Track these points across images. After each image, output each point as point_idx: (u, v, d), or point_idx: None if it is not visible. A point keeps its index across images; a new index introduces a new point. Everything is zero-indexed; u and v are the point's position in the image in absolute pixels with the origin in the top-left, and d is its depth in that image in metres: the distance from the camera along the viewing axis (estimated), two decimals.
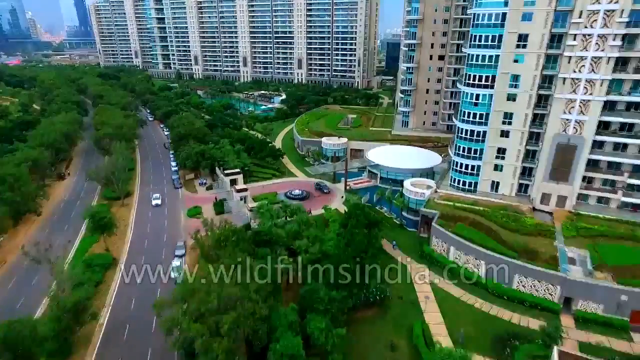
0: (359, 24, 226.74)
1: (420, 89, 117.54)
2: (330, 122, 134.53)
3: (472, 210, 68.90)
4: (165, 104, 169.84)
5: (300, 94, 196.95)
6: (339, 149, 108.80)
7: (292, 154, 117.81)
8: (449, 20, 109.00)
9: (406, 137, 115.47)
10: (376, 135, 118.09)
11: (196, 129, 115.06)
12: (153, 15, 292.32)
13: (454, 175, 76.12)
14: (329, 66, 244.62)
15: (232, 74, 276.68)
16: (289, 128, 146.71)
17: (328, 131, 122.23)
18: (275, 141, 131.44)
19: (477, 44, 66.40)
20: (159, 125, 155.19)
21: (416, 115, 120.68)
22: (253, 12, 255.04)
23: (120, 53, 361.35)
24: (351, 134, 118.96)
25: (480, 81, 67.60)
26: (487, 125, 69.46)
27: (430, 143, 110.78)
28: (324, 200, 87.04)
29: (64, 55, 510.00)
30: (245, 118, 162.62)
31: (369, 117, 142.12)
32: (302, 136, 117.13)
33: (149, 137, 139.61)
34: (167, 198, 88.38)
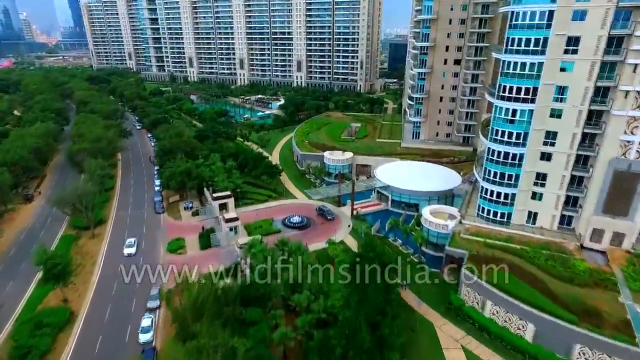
0: (362, 24, 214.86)
1: (433, 96, 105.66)
2: (332, 132, 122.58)
3: (508, 249, 57.01)
4: (154, 110, 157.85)
5: (299, 98, 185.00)
6: (344, 165, 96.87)
7: (291, 169, 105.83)
8: (467, 20, 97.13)
9: (418, 151, 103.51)
10: (384, 148, 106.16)
11: (184, 142, 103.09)
12: (146, 15, 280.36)
13: (482, 203, 64.18)
14: (329, 68, 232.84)
15: (228, 76, 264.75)
16: (287, 138, 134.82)
17: (330, 143, 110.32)
18: (273, 153, 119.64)
19: (515, 49, 54.48)
20: (147, 134, 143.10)
21: (428, 125, 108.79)
22: (250, 11, 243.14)
23: (113, 55, 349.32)
24: (356, 147, 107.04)
25: (518, 94, 55.66)
26: (525, 147, 57.56)
27: (446, 158, 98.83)
28: (328, 228, 75.10)
29: (58, 57, 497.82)
30: (241, 126, 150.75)
31: (374, 125, 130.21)
32: (302, 150, 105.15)
33: (135, 148, 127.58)
34: (146, 229, 76.03)
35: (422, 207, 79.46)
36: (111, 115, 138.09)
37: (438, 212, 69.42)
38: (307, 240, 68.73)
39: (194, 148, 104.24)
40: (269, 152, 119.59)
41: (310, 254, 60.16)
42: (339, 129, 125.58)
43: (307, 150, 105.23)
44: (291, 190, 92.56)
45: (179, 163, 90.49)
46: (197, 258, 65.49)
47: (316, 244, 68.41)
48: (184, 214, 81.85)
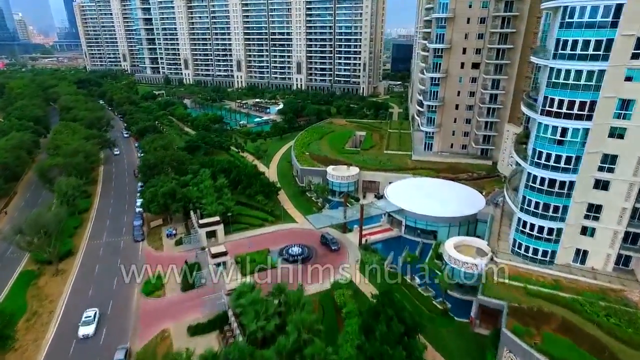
0: (364, 24, 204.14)
1: (448, 104, 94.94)
2: (335, 142, 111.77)
3: (556, 299, 46.26)
4: (143, 117, 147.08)
5: (299, 103, 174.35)
6: (349, 182, 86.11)
7: (290, 185, 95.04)
8: (487, 19, 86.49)
9: (431, 165, 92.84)
10: (393, 161, 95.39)
11: (170, 155, 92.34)
12: (139, 15, 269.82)
13: (519, 238, 53.40)
14: (330, 71, 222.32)
15: (225, 79, 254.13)
16: (286, 147, 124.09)
17: (333, 156, 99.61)
18: (270, 166, 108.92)
19: (569, 53, 43.70)
20: (134, 142, 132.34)
21: (442, 136, 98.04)
22: (247, 10, 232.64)
23: (108, 56, 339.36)
24: (362, 160, 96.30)
25: (570, 109, 44.88)
26: (577, 173, 46.82)
27: (463, 173, 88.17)
28: (332, 261, 64.28)
29: (52, 58, 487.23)
30: (236, 134, 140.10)
31: (381, 134, 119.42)
32: (302, 164, 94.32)
33: (120, 160, 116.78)
34: (116, 280, 65.38)
35: (441, 234, 69.11)
36: (95, 123, 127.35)
37: (463, 245, 58.62)
38: (309, 277, 58.38)
39: (183, 162, 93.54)
40: (266, 165, 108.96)
41: (311, 301, 49.42)
42: (343, 139, 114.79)
43: (308, 164, 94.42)
44: (290, 211, 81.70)
45: (162, 182, 79.81)
46: (176, 304, 54.74)
47: (318, 284, 57.85)
48: (166, 242, 71.04)
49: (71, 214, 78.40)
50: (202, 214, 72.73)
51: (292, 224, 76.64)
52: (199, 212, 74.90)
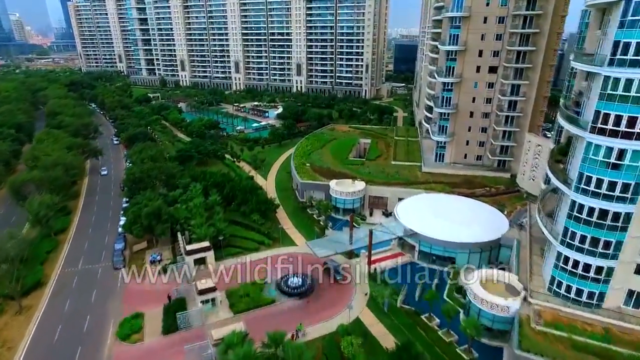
0: (367, 24, 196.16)
1: (462, 111, 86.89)
2: (338, 151, 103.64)
3: (610, 355, 38.32)
4: (135, 122, 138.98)
5: (299, 107, 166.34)
6: (354, 199, 78.05)
7: (290, 200, 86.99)
8: (506, 19, 78.44)
9: (444, 178, 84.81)
10: (402, 174, 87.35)
11: (158, 168, 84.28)
12: (134, 15, 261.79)
13: (559, 276, 45.35)
14: (332, 72, 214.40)
15: (223, 81, 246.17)
16: (285, 155, 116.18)
17: (337, 167, 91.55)
18: (268, 177, 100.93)
19: (631, 59, 35.68)
20: (124, 150, 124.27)
21: (455, 145, 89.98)
22: (245, 10, 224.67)
23: (103, 57, 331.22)
24: (368, 172, 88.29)
25: (630, 127, 36.88)
26: (635, 203, 38.81)
27: (480, 188, 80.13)
28: (337, 294, 56.36)
29: (48, 59, 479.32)
30: (233, 140, 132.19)
31: (386, 142, 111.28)
32: (302, 177, 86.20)
33: (107, 169, 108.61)
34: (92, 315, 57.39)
35: (459, 261, 61.12)
36: (81, 130, 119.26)
37: (490, 280, 50.61)
38: (310, 314, 50.62)
39: (172, 175, 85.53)
40: (264, 176, 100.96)
41: (313, 355, 41.50)
42: (346, 147, 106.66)
43: (309, 177, 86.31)
44: (289, 231, 73.66)
45: (147, 198, 71.88)
46: (156, 351, 46.74)
47: (321, 324, 49.94)
48: (149, 270, 62.92)
49: (45, 236, 70.53)
50: (191, 237, 64.72)
51: (291, 247, 68.52)
52: (188, 233, 67.03)
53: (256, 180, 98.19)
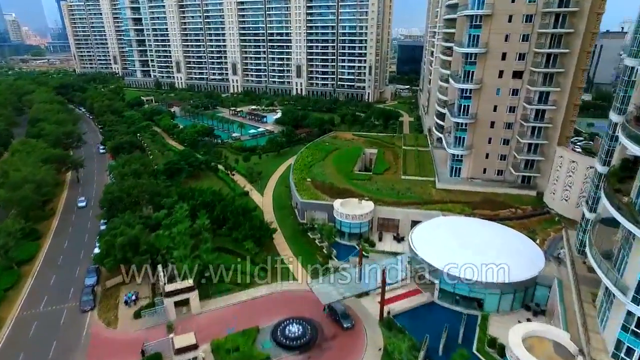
0: (371, 23, 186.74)
1: (482, 121, 77.46)
2: (342, 163, 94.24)
3: None
4: (123, 129, 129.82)
5: (299, 111, 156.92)
6: (362, 222, 68.60)
7: (289, 221, 77.50)
8: (534, 17, 69.03)
9: (462, 197, 75.40)
10: (414, 191, 77.96)
11: (141, 185, 74.91)
12: (128, 15, 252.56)
13: (630, 342, 35.84)
14: (333, 74, 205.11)
15: (220, 83, 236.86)
16: (285, 166, 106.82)
17: (341, 183, 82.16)
18: (265, 192, 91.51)
19: None
20: (110, 160, 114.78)
21: (474, 159, 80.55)
22: (243, 9, 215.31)
23: (98, 58, 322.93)
24: (376, 189, 78.91)
25: None
26: None
27: (505, 210, 70.70)
28: (344, 348, 46.98)
29: (43, 60, 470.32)
30: (228, 148, 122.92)
31: (394, 152, 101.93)
32: (302, 195, 76.78)
33: (88, 184, 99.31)
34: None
35: (488, 304, 51.77)
36: (62, 139, 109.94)
37: (534, 338, 41.22)
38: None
39: (157, 192, 76.22)
40: (260, 191, 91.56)
41: None
42: (350, 158, 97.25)
43: (310, 195, 76.84)
44: (288, 261, 64.17)
45: (125, 223, 62.70)
46: None
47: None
48: (122, 313, 53.57)
49: (6, 268, 61.12)
50: (172, 274, 55.32)
51: (290, 282, 59.07)
52: (170, 267, 57.66)
53: (252, 195, 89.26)
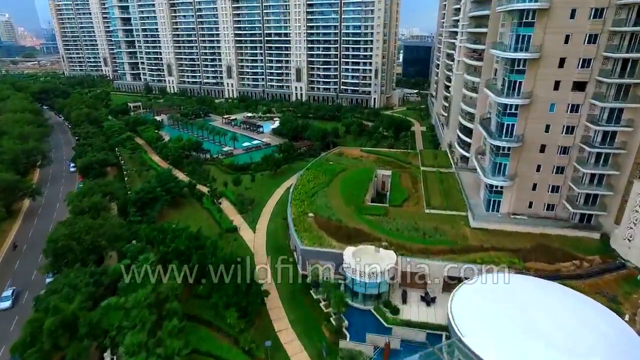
0: (377, 23, 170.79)
1: (530, 144, 61.25)
2: (350, 190, 77.98)
3: None
4: (98, 143, 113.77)
5: (298, 117, 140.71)
6: (382, 281, 52.46)
7: (286, 272, 61.08)
8: (606, 11, 52.94)
9: (505, 240, 59.25)
10: (443, 231, 61.91)
11: (97, 228, 58.82)
12: (116, 14, 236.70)
13: None
14: (336, 78, 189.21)
15: (214, 87, 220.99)
16: (282, 190, 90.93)
17: (351, 220, 65.99)
18: (258, 226, 75.37)
19: None
20: (79, 181, 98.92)
21: (517, 190, 64.33)
22: (238, 7, 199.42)
23: (87, 60, 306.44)
24: (396, 230, 62.72)
25: None
26: None
27: (566, 262, 54.46)
28: None
29: (33, 61, 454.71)
30: (218, 165, 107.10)
31: (412, 175, 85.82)
32: (303, 239, 60.59)
33: (46, 216, 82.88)
34: None
35: None
36: (22, 159, 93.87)
37: None
38: None
39: (117, 237, 60.22)
40: (251, 225, 75.51)
41: None
42: (360, 183, 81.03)
43: (313, 239, 60.62)
44: (284, 339, 48.15)
45: (72, 279, 47.00)
46: None
47: None
48: None
49: None
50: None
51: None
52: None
53: (241, 231, 73.28)
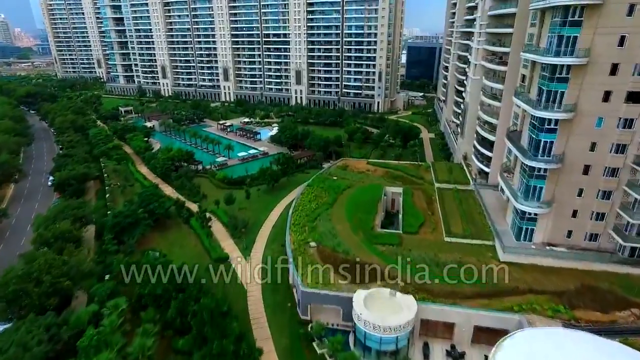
0: (381, 23, 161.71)
1: (572, 165, 51.96)
2: (357, 212, 68.64)
3: None
4: (80, 154, 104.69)
5: (299, 126, 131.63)
6: (400, 335, 43.21)
7: (284, 316, 51.94)
8: None
9: (544, 280, 49.97)
10: (467, 263, 52.63)
11: (58, 266, 49.54)
12: (109, 14, 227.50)
13: None
14: (337, 81, 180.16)
15: (210, 90, 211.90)
16: (280, 209, 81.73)
17: (360, 250, 56.67)
18: (252, 253, 66.07)
19: None
20: (56, 198, 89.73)
21: (554, 217, 55.05)
22: (235, 7, 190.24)
23: (81, 62, 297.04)
24: (412, 265, 53.38)
25: None
26: None
27: (622, 312, 45.18)
28: None
29: (27, 62, 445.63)
30: (210, 178, 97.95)
31: (425, 192, 76.55)
32: (305, 278, 51.32)
33: (15, 239, 73.67)
34: None
35: None
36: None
37: None
38: None
39: (83, 275, 51.01)
40: (244, 251, 66.22)
41: None
42: (368, 204, 71.62)
43: (316, 278, 51.36)
44: None
45: (13, 348, 37.59)
46: None
47: None
48: None
49: None
50: None
51: None
52: None
53: (233, 260, 64.03)
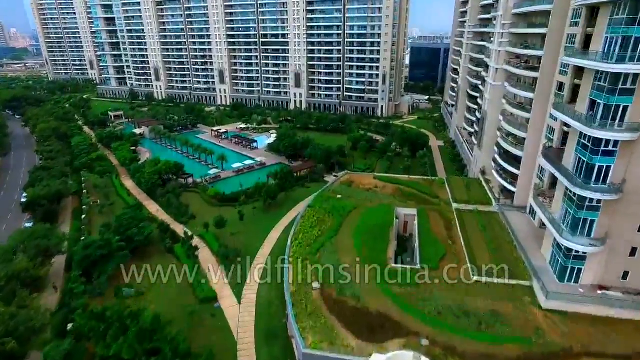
0: (386, 23, 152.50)
1: (633, 194, 42.59)
2: (367, 240, 59.21)
3: None
4: (59, 167, 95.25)
5: (298, 136, 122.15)
6: None
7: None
8: None
9: (600, 336, 40.61)
10: (505, 317, 43.31)
11: (7, 320, 40.13)
12: (99, 14, 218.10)
13: None
14: (339, 84, 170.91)
15: (205, 93, 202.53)
16: (277, 233, 72.26)
17: (372, 294, 47.34)
18: (245, 291, 56.56)
19: None
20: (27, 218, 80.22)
21: (608, 256, 45.62)
22: (231, 6, 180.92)
23: (73, 63, 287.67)
24: (436, 311, 44.12)
25: None
26: None
27: None
28: None
29: (20, 64, 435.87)
30: (201, 192, 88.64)
31: (442, 213, 67.18)
32: (306, 334, 41.96)
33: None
34: None
35: None
36: None
37: None
38: None
39: (37, 330, 41.53)
40: (236, 290, 56.69)
41: None
42: (379, 230, 62.14)
43: (320, 334, 42.00)
44: None
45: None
46: None
47: None
48: None
49: None
50: None
51: None
52: None
53: (222, 300, 54.64)
